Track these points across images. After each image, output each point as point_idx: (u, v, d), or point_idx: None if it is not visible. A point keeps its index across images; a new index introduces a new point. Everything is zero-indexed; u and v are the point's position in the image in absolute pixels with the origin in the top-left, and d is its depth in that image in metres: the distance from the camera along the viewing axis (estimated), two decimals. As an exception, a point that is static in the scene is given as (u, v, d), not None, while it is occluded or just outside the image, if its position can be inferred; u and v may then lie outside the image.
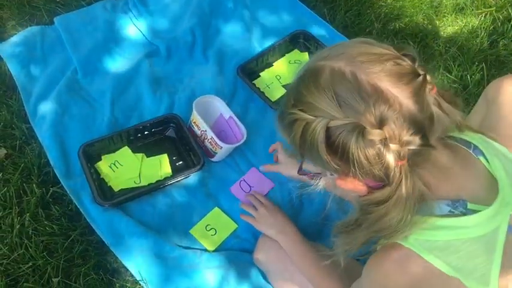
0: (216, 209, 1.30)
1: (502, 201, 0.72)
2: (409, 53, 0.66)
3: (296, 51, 1.63)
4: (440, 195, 0.71)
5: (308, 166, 0.77)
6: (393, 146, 0.62)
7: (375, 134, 0.61)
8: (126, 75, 1.52)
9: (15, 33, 1.59)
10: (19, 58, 1.53)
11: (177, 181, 1.30)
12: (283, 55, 1.62)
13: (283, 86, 1.54)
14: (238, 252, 1.23)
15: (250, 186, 1.35)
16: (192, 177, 1.34)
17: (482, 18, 1.82)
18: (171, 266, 1.16)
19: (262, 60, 1.58)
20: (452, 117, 0.68)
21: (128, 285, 1.18)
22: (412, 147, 0.63)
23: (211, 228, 1.27)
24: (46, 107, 1.41)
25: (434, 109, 0.65)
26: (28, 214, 1.23)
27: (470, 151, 0.77)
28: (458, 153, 0.75)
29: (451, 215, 0.70)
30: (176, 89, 1.52)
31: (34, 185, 1.28)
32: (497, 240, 0.70)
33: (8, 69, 1.51)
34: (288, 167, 1.22)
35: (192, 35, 1.62)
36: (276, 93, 1.53)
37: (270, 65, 1.59)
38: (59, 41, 1.58)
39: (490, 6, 1.86)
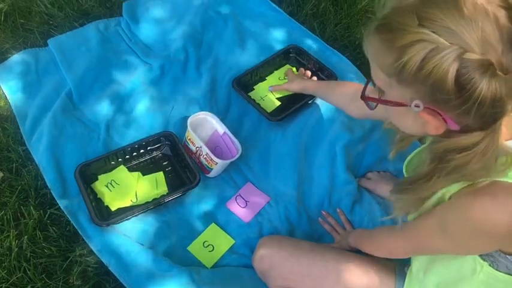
0: (213, 225, 1.31)
1: None
2: None
3: (287, 66, 1.66)
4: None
5: (391, 93, 0.73)
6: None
7: (504, 79, 0.61)
8: (120, 95, 1.53)
9: (10, 56, 1.60)
10: (14, 81, 1.55)
11: (173, 198, 1.31)
12: (276, 69, 1.64)
13: (278, 99, 1.56)
14: (237, 268, 1.23)
15: (246, 201, 1.36)
16: (188, 194, 1.35)
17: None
18: (170, 284, 1.16)
19: (257, 74, 1.60)
20: None
21: (128, 304, 1.18)
22: None
23: (208, 245, 1.27)
24: (42, 129, 1.42)
25: None
26: (26, 237, 1.23)
27: None
28: None
29: None
30: (170, 106, 1.53)
31: (31, 207, 1.28)
32: None
33: (3, 92, 1.52)
34: (293, 83, 1.48)
35: (185, 53, 1.64)
36: (270, 105, 1.54)
37: (263, 79, 1.61)
38: (53, 63, 1.60)
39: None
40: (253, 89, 1.58)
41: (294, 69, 1.62)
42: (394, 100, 0.72)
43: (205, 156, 1.35)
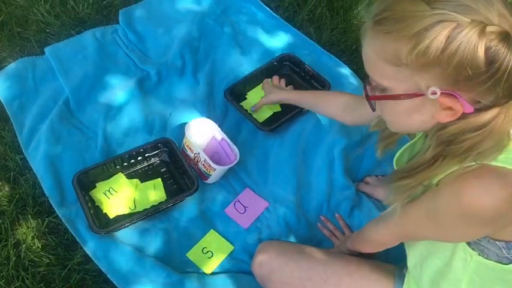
0: (212, 231, 1.31)
1: None
2: None
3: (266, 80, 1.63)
4: None
5: (399, 87, 0.70)
6: None
7: None
8: (118, 102, 1.53)
9: (6, 65, 1.60)
10: (11, 89, 1.54)
11: (172, 205, 1.31)
12: (270, 77, 1.62)
13: (271, 108, 1.56)
14: (236, 274, 1.23)
15: (244, 206, 1.36)
16: (186, 201, 1.34)
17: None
18: (169, 291, 1.16)
19: (250, 83, 1.60)
20: None
21: (127, 312, 1.17)
22: None
23: (207, 251, 1.27)
24: (39, 137, 1.42)
25: None
26: (24, 245, 1.23)
27: None
28: None
29: None
30: (168, 113, 1.53)
31: (29, 216, 1.28)
32: None
33: (0, 101, 1.52)
34: (271, 95, 1.47)
35: (182, 59, 1.65)
36: (264, 114, 1.54)
37: (256, 86, 1.60)
38: (50, 71, 1.60)
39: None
40: (246, 98, 1.58)
41: (270, 80, 1.58)
42: (407, 93, 0.69)
43: (203, 162, 1.35)
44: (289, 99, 1.44)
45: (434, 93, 0.66)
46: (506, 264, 0.79)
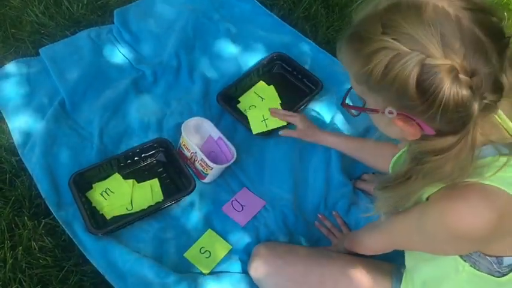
0: (210, 231, 1.30)
1: None
2: (497, 12, 0.66)
3: (261, 82, 1.62)
4: (496, 141, 0.72)
5: (368, 100, 0.74)
6: (478, 98, 0.63)
7: (467, 82, 0.62)
8: (113, 102, 1.52)
9: (1, 66, 1.59)
10: (6, 90, 1.53)
11: (169, 205, 1.31)
12: (260, 78, 1.61)
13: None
14: (234, 274, 1.23)
15: (242, 205, 1.36)
16: (184, 201, 1.34)
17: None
18: (167, 291, 1.16)
19: (242, 84, 1.58)
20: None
21: (125, 313, 1.17)
22: (487, 101, 0.64)
23: (205, 251, 1.27)
24: (34, 139, 1.42)
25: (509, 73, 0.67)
26: (21, 248, 1.22)
27: None
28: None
29: None
30: (164, 113, 1.53)
31: (26, 218, 1.27)
32: None
33: (-5, 103, 1.51)
34: (307, 136, 1.31)
35: (177, 59, 1.64)
36: (259, 127, 1.47)
37: (249, 88, 1.59)
38: (45, 72, 1.59)
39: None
40: (239, 101, 1.57)
41: (279, 104, 1.47)
42: (370, 107, 0.74)
43: (200, 161, 1.35)
44: (328, 143, 1.33)
45: (391, 112, 0.70)
46: (498, 277, 0.80)
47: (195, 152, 1.35)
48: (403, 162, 0.76)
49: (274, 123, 1.39)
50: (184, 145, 1.38)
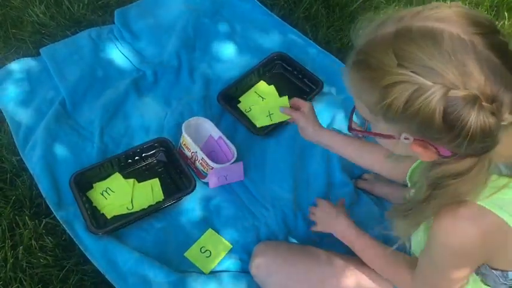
0: (210, 230, 1.30)
1: None
2: (500, 28, 0.67)
3: (262, 82, 1.62)
4: (501, 160, 0.72)
5: (379, 125, 0.73)
6: (500, 121, 0.63)
7: (490, 109, 0.61)
8: (114, 102, 1.53)
9: (2, 66, 1.59)
10: (6, 90, 1.54)
11: (169, 205, 1.31)
12: (261, 78, 1.61)
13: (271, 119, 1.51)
14: (235, 273, 1.23)
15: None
16: (184, 200, 1.34)
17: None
18: (167, 291, 1.16)
19: (242, 84, 1.58)
20: None
21: (125, 312, 1.17)
22: (506, 122, 0.64)
23: (206, 250, 1.27)
24: (35, 138, 1.42)
25: None
26: (21, 247, 1.22)
27: None
28: None
29: None
30: (164, 112, 1.53)
31: (26, 217, 1.27)
32: None
33: (-4, 103, 1.51)
34: (306, 118, 1.19)
35: (178, 59, 1.64)
36: (263, 120, 1.50)
37: (249, 88, 1.59)
38: (46, 72, 1.59)
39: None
40: (240, 101, 1.57)
41: (286, 100, 1.39)
42: (382, 133, 0.72)
43: (200, 161, 1.35)
44: (329, 143, 1.24)
45: (407, 138, 0.69)
46: None
47: (196, 152, 1.35)
48: (420, 188, 0.74)
49: (279, 117, 1.37)
50: (185, 145, 1.39)
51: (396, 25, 0.65)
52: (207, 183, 1.39)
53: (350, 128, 0.80)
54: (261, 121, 1.37)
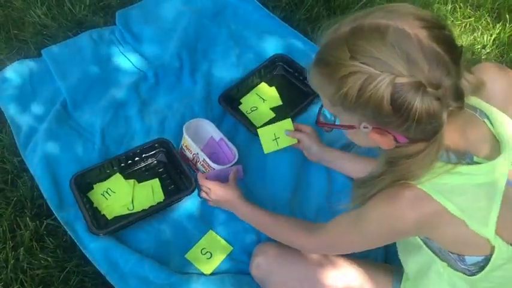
0: (211, 231, 1.30)
1: (504, 157, 0.80)
2: (447, 24, 0.74)
3: (263, 83, 1.62)
4: (450, 148, 0.78)
5: (342, 117, 0.81)
6: (445, 106, 0.70)
7: (435, 94, 0.68)
8: (115, 103, 1.53)
9: (3, 67, 1.60)
10: (8, 91, 1.54)
11: (169, 205, 1.31)
12: (262, 79, 1.62)
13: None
14: (235, 275, 1.23)
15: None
16: (184, 201, 1.34)
17: (462, 28, 1.86)
18: (168, 292, 1.16)
19: (243, 86, 1.58)
20: (472, 87, 0.76)
21: (126, 314, 1.17)
22: (451, 108, 0.71)
23: (206, 252, 1.27)
24: (36, 139, 1.42)
25: (464, 78, 0.74)
26: (22, 248, 1.22)
27: (476, 114, 0.85)
28: (468, 116, 0.83)
29: (459, 163, 0.78)
30: (165, 114, 1.53)
31: (27, 218, 1.27)
32: (497, 190, 0.79)
33: (-3, 104, 1.52)
34: (310, 137, 1.32)
35: (179, 60, 1.64)
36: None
37: (251, 89, 1.60)
38: (47, 73, 1.59)
39: (469, 17, 1.90)
40: (241, 102, 1.57)
41: (290, 123, 1.37)
42: (345, 124, 0.80)
43: (202, 162, 1.35)
44: (331, 160, 1.34)
45: (366, 127, 0.77)
46: (469, 276, 0.85)
47: (197, 153, 1.35)
48: (378, 164, 0.82)
49: (286, 141, 1.38)
50: (186, 146, 1.39)
51: (351, 24, 0.73)
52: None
53: (317, 122, 0.88)
54: (268, 147, 1.38)
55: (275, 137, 1.37)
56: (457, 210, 0.75)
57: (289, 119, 1.38)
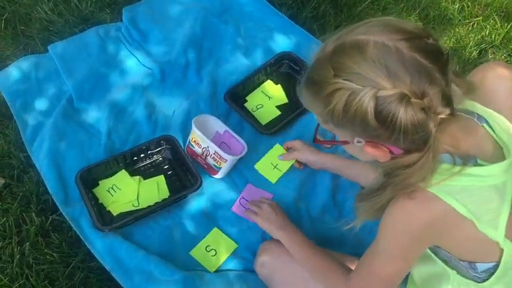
0: (215, 229, 1.30)
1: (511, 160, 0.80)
2: (431, 33, 0.75)
3: (269, 81, 1.62)
4: (452, 152, 0.78)
5: (336, 133, 0.82)
6: (432, 115, 0.70)
7: (419, 104, 0.69)
8: (121, 100, 1.53)
9: (10, 63, 1.60)
10: (14, 87, 1.54)
11: (175, 202, 1.31)
12: (268, 77, 1.62)
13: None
14: (240, 272, 1.23)
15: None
16: (189, 198, 1.34)
17: (470, 28, 1.85)
18: (173, 289, 1.16)
19: (249, 83, 1.58)
20: (463, 91, 0.78)
21: (130, 310, 1.17)
22: (442, 116, 0.72)
23: (211, 249, 1.27)
24: (43, 135, 1.42)
25: (455, 83, 0.75)
26: (28, 243, 1.23)
27: (474, 119, 0.85)
28: (464, 121, 0.83)
29: (466, 165, 0.77)
30: (171, 111, 1.53)
31: (33, 214, 1.28)
32: (506, 192, 0.79)
33: (4, 99, 1.52)
34: (302, 152, 1.36)
35: (186, 57, 1.64)
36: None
37: (257, 87, 1.59)
38: (54, 69, 1.59)
39: (477, 16, 1.89)
40: (246, 100, 1.57)
41: (280, 148, 1.44)
42: (340, 140, 0.81)
43: (213, 155, 1.34)
44: (327, 163, 1.35)
45: (359, 141, 0.77)
46: (480, 283, 0.84)
47: (207, 147, 1.34)
48: (377, 177, 0.82)
49: (285, 164, 1.42)
50: (194, 141, 1.38)
51: (334, 43, 0.75)
52: (212, 181, 1.38)
53: (315, 140, 0.90)
54: (273, 177, 1.40)
55: (273, 165, 1.41)
56: (465, 211, 0.75)
57: (277, 144, 1.43)
